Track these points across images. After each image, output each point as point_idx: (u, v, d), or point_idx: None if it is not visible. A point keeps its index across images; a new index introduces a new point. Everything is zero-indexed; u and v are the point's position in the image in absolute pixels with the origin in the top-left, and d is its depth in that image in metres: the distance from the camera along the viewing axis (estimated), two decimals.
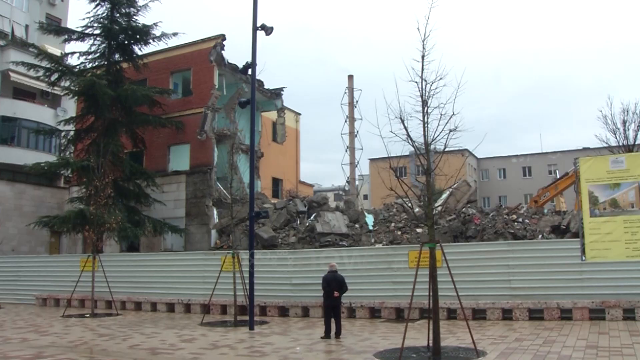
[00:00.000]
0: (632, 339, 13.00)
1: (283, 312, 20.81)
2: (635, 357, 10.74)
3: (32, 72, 32.52)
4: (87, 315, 21.67)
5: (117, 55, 32.51)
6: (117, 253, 30.61)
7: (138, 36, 32.23)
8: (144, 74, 32.62)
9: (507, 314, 17.51)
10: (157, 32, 32.01)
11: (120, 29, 31.77)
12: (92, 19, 31.45)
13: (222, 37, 33.29)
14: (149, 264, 24.88)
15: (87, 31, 31.80)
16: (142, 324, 19.01)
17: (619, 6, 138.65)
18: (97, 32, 31.79)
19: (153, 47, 33.06)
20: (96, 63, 32.26)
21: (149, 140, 33.12)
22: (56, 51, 36.94)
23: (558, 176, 38.65)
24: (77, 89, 30.51)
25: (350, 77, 59.13)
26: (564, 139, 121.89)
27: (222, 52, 33.39)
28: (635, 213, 16.90)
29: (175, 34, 31.98)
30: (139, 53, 32.84)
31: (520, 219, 26.52)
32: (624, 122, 32.75)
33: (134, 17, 32.23)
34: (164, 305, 23.22)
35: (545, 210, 30.66)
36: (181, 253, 27.79)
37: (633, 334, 13.63)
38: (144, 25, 31.98)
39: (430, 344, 11.80)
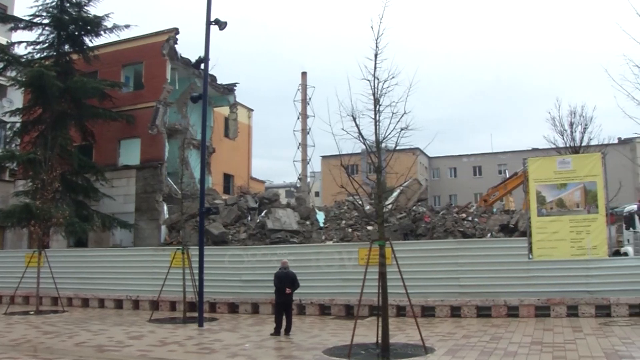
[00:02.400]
0: (575, 335, 13.43)
1: (233, 308, 20.77)
2: (577, 352, 11.12)
3: None
4: (32, 313, 21.24)
5: (66, 46, 31.74)
6: (64, 248, 30.02)
7: (89, 27, 31.53)
8: (95, 66, 31.93)
9: (455, 311, 17.82)
10: (108, 23, 31.37)
11: (70, 19, 31.03)
12: (40, 7, 30.64)
13: (175, 31, 32.89)
14: (97, 259, 24.44)
15: (35, 20, 30.95)
16: (89, 320, 18.74)
17: (569, 14, 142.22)
18: (45, 21, 30.99)
19: (104, 39, 32.40)
20: (45, 54, 31.47)
21: (99, 133, 32.49)
22: (2, 40, 35.87)
23: (507, 176, 39.40)
24: (24, 79, 29.70)
25: (304, 74, 59.06)
26: (514, 140, 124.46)
27: (175, 46, 32.98)
28: (580, 213, 17.44)
29: (127, 26, 31.40)
30: (90, 45, 32.11)
31: (470, 218, 26.99)
32: (571, 124, 33.69)
33: (85, 7, 31.50)
34: (112, 302, 22.93)
35: (495, 209, 31.28)
36: (130, 249, 27.41)
37: (576, 330, 14.07)
38: (95, 16, 31.30)
39: (379, 341, 11.95)
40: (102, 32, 31.76)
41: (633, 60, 11.71)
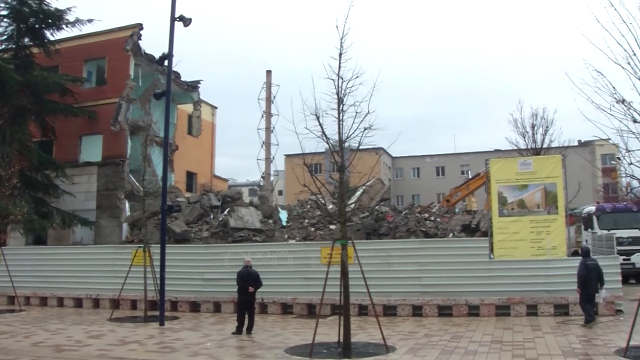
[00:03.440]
0: (534, 333, 13.68)
1: (194, 307, 20.62)
2: (536, 350, 11.33)
3: None
4: None
5: (26, 39, 31.05)
6: (23, 246, 29.46)
7: (50, 20, 30.89)
8: (56, 60, 31.29)
9: (417, 311, 17.97)
10: (70, 17, 30.77)
11: (30, 12, 30.37)
12: None
13: (139, 27, 32.48)
14: (56, 257, 24.05)
15: None
16: (48, 320, 18.43)
17: (531, 18, 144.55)
18: (4, 13, 30.25)
19: (66, 33, 31.75)
20: (3, 46, 30.77)
21: (60, 129, 31.89)
22: None
23: (470, 176, 39.93)
24: None
25: (269, 72, 59.11)
26: (477, 141, 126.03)
27: (139, 41, 32.57)
28: (540, 214, 17.68)
29: (90, 21, 30.90)
30: (51, 38, 31.47)
31: (432, 218, 27.20)
32: (533, 126, 34.47)
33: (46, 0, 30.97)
34: (72, 301, 22.58)
35: (457, 210, 31.62)
36: (90, 246, 27.04)
37: (535, 329, 14.34)
38: (57, 10, 30.69)
39: (341, 340, 11.99)
40: (63, 26, 31.13)
41: (592, 65, 11.92)
